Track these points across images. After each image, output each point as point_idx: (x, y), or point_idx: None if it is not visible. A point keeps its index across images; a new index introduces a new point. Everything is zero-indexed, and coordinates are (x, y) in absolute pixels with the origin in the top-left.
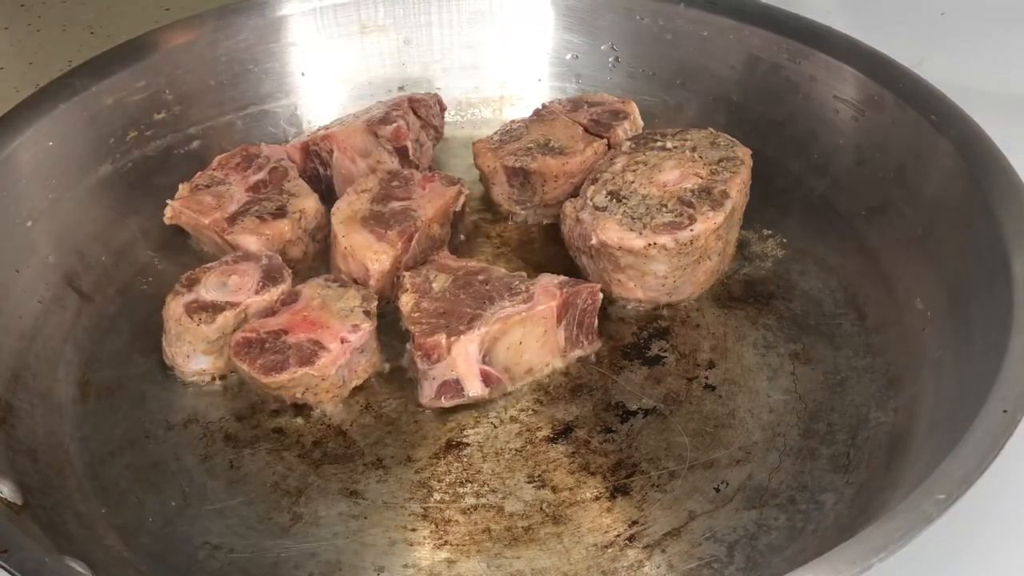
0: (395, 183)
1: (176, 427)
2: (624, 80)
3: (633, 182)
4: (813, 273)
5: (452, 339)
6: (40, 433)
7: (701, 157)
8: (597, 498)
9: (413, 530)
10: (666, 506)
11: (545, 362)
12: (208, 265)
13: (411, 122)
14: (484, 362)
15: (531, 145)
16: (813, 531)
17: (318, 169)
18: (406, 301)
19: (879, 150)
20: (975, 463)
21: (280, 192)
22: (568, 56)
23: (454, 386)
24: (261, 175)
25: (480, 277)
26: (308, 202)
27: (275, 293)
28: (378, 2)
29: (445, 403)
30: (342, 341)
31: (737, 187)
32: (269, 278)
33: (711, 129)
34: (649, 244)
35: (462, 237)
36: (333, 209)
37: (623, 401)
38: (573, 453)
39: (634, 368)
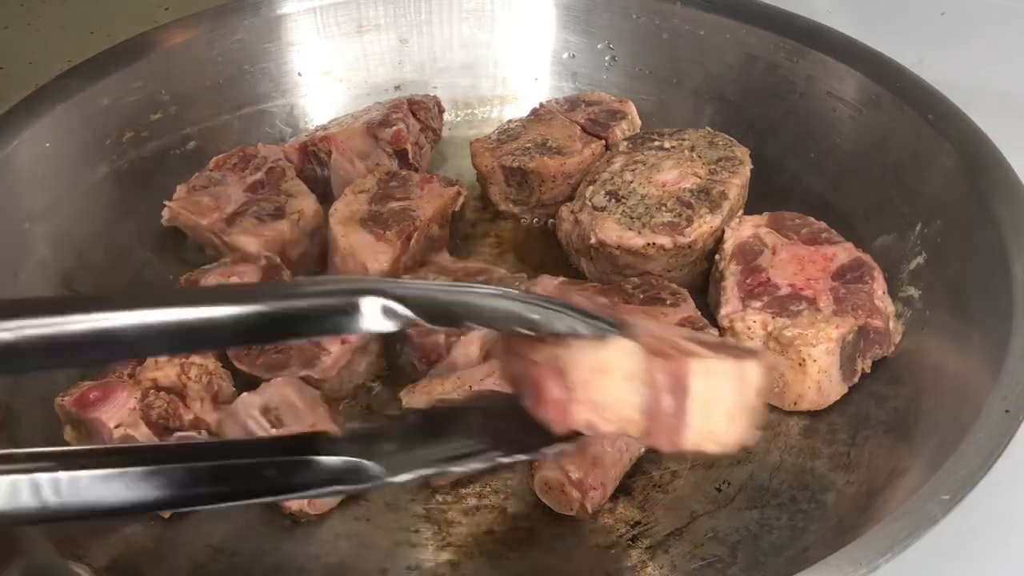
0: (393, 183)
1: None
2: (621, 79)
3: (632, 182)
4: None
5: (452, 339)
6: (40, 437)
7: (700, 157)
8: None
9: (416, 531)
10: (668, 506)
11: None
12: (207, 267)
13: (410, 125)
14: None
15: (529, 145)
16: (815, 531)
17: (316, 169)
18: None
19: (877, 149)
20: (978, 463)
21: (278, 193)
22: (565, 55)
23: None
24: (258, 176)
25: (480, 278)
26: (306, 202)
27: None
28: (376, 1)
29: None
30: (343, 342)
31: (736, 188)
32: (268, 279)
33: (709, 128)
34: (648, 244)
35: (460, 238)
36: (331, 210)
37: None
38: None
39: None
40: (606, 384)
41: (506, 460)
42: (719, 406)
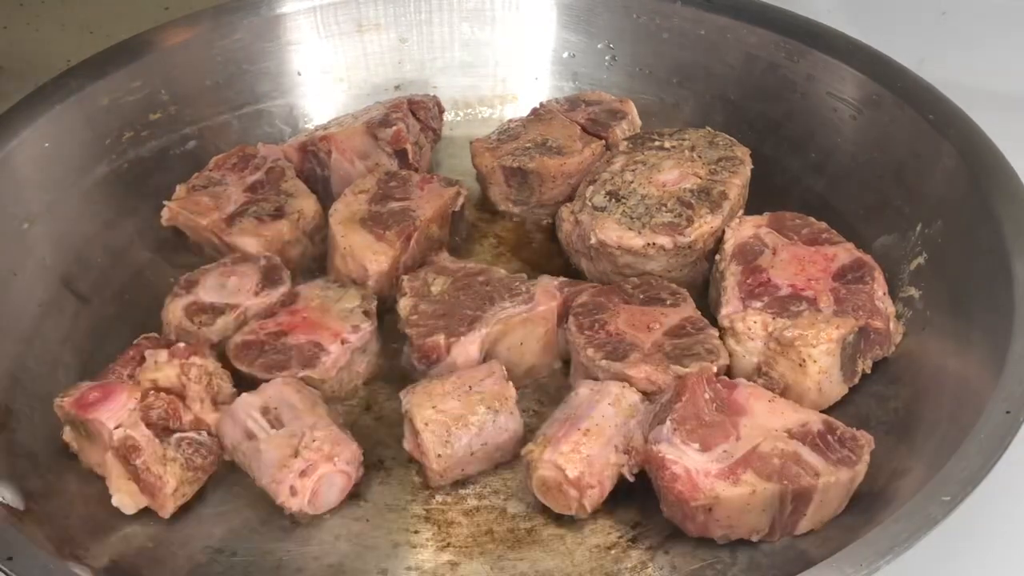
0: (393, 184)
1: None
2: (621, 79)
3: (632, 182)
4: None
5: (452, 340)
6: (40, 437)
7: (700, 157)
8: None
9: (416, 532)
10: None
11: (546, 363)
12: (206, 267)
13: (410, 125)
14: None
15: (529, 145)
16: (816, 531)
17: (315, 169)
18: (404, 304)
19: (877, 149)
20: (979, 464)
21: (278, 192)
22: (565, 55)
23: None
24: (258, 175)
25: (480, 278)
26: (306, 202)
27: (275, 295)
28: (375, 1)
29: None
30: (342, 342)
31: (736, 188)
32: (268, 280)
33: (709, 128)
34: (648, 244)
35: (460, 238)
36: (331, 210)
37: None
38: None
39: None
40: (747, 517)
41: None
42: (830, 504)
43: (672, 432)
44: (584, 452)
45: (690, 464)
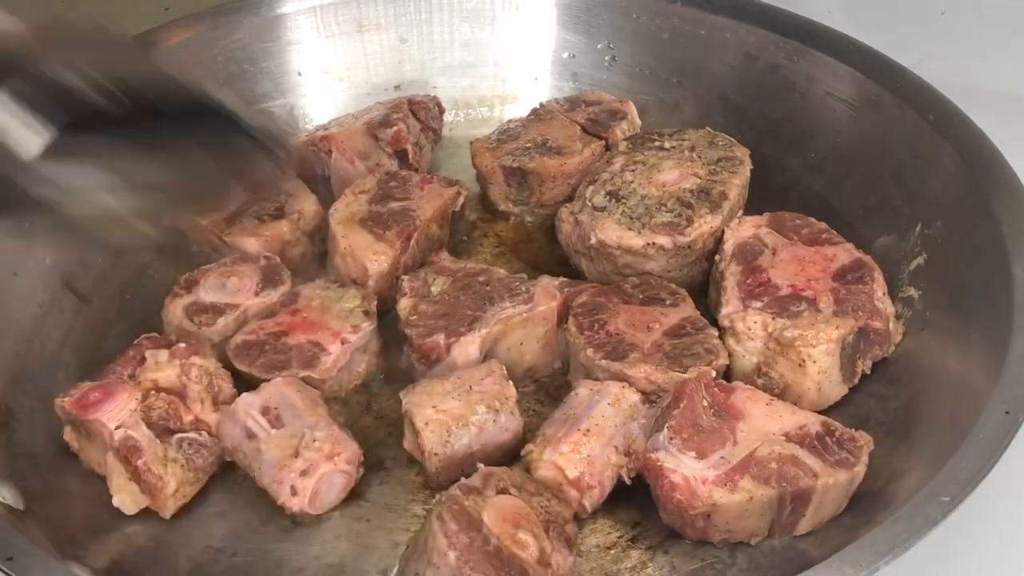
0: (393, 184)
1: None
2: (621, 79)
3: (632, 182)
4: None
5: (452, 340)
6: (40, 437)
7: (700, 157)
8: None
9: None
10: None
11: (546, 363)
12: (207, 267)
13: (411, 125)
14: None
15: (529, 145)
16: (816, 532)
17: (315, 169)
18: (404, 305)
19: (877, 149)
20: (979, 465)
21: (278, 193)
22: (565, 55)
23: None
24: None
25: (480, 279)
26: (307, 203)
27: (275, 295)
28: (376, 1)
29: None
30: (342, 342)
31: (736, 188)
32: (268, 280)
33: (709, 128)
34: (647, 244)
35: (460, 238)
36: (331, 210)
37: None
38: None
39: None
40: (745, 523)
41: None
42: (829, 506)
43: (669, 440)
44: (584, 452)
45: (688, 472)
